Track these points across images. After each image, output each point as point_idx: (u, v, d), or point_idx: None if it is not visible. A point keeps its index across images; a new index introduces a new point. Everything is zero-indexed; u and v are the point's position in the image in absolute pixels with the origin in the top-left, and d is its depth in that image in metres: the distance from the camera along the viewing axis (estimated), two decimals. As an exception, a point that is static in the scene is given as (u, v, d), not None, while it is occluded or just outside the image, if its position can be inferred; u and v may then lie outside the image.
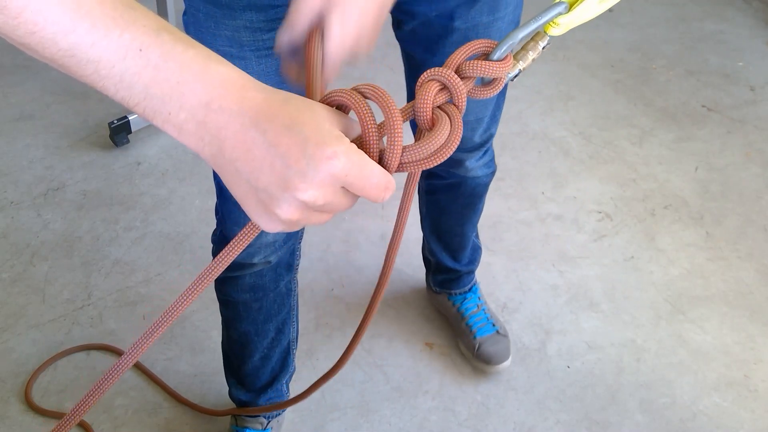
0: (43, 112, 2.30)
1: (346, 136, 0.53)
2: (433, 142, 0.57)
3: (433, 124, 0.59)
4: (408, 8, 1.01)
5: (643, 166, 2.22)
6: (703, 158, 2.26)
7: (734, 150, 2.29)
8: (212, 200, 2.03)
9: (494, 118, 1.30)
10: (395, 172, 0.56)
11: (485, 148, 1.37)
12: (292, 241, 1.22)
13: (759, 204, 2.11)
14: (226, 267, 0.60)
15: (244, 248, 0.59)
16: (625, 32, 2.83)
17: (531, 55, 0.64)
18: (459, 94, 0.60)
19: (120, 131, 2.15)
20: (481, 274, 1.79)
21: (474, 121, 1.24)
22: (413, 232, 1.67)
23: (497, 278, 1.87)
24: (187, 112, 0.50)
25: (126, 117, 2.15)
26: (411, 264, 1.87)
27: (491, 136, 1.35)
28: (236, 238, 0.59)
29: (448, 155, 0.58)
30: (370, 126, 0.55)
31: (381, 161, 0.56)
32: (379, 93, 0.56)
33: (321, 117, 0.51)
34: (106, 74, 0.47)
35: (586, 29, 2.81)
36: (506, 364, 1.65)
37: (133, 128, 2.17)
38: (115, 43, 0.46)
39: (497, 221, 2.02)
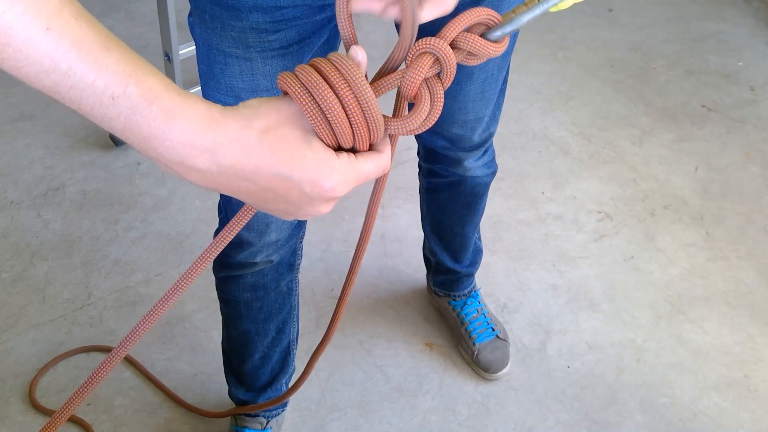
0: (43, 112, 2.30)
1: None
2: (411, 122, 0.57)
3: (415, 98, 0.58)
4: None
5: (643, 166, 2.22)
6: (703, 158, 2.26)
7: (734, 150, 2.29)
8: (212, 200, 2.04)
9: (494, 117, 1.30)
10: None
11: (485, 148, 1.37)
12: (294, 240, 1.22)
13: (759, 204, 2.11)
14: (222, 247, 0.62)
15: (240, 228, 0.62)
16: (625, 32, 2.83)
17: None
18: (450, 72, 0.58)
19: (120, 131, 2.15)
20: (481, 274, 1.79)
21: (474, 120, 1.24)
22: (413, 232, 1.67)
23: (497, 278, 1.87)
24: (167, 161, 0.51)
25: (126, 117, 2.15)
26: (411, 264, 1.87)
27: (491, 135, 1.35)
28: (234, 217, 0.61)
29: (422, 130, 0.58)
30: (343, 131, 0.54)
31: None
32: (352, 78, 0.53)
33: (298, 148, 0.53)
34: (89, 112, 0.49)
35: (586, 29, 2.81)
36: (505, 371, 1.65)
37: (133, 128, 2.17)
38: (90, 89, 0.48)
39: (497, 221, 2.02)
